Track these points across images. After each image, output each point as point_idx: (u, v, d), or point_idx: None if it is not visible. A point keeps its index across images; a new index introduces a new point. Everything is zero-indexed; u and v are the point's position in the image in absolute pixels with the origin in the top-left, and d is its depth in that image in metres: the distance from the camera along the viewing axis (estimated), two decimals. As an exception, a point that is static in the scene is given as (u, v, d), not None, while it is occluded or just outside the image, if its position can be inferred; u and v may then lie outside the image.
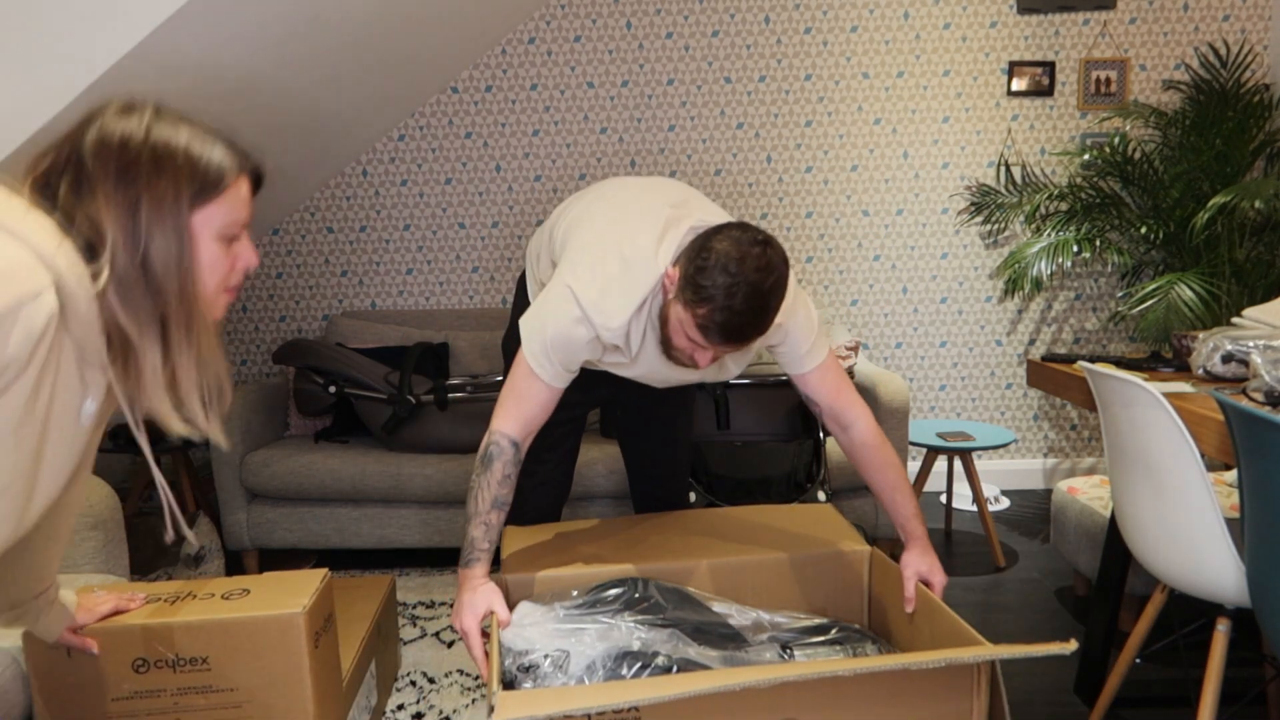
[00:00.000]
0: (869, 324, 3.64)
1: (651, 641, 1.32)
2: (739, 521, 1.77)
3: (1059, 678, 2.15)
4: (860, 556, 1.61)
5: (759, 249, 1.32)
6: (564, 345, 1.46)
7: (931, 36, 3.45)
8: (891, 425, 2.76)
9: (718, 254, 1.32)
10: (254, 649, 1.38)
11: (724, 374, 1.64)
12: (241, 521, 2.85)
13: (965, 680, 1.20)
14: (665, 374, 1.59)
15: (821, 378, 1.58)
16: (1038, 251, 3.29)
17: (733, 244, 1.32)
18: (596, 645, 1.30)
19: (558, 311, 1.45)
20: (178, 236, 0.92)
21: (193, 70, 1.98)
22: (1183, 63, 3.46)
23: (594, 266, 1.46)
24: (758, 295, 1.30)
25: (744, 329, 1.33)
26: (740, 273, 1.30)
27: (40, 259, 0.84)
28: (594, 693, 1.08)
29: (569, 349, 1.46)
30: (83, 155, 0.90)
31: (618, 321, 1.44)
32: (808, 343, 1.56)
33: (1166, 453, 1.52)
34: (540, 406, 1.51)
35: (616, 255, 1.46)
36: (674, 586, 1.50)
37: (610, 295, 1.44)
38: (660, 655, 1.30)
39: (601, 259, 1.47)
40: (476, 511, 1.47)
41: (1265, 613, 1.40)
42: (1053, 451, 3.71)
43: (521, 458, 1.51)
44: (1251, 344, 1.73)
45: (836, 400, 1.59)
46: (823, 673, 1.07)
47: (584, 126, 3.50)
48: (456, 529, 2.84)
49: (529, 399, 1.49)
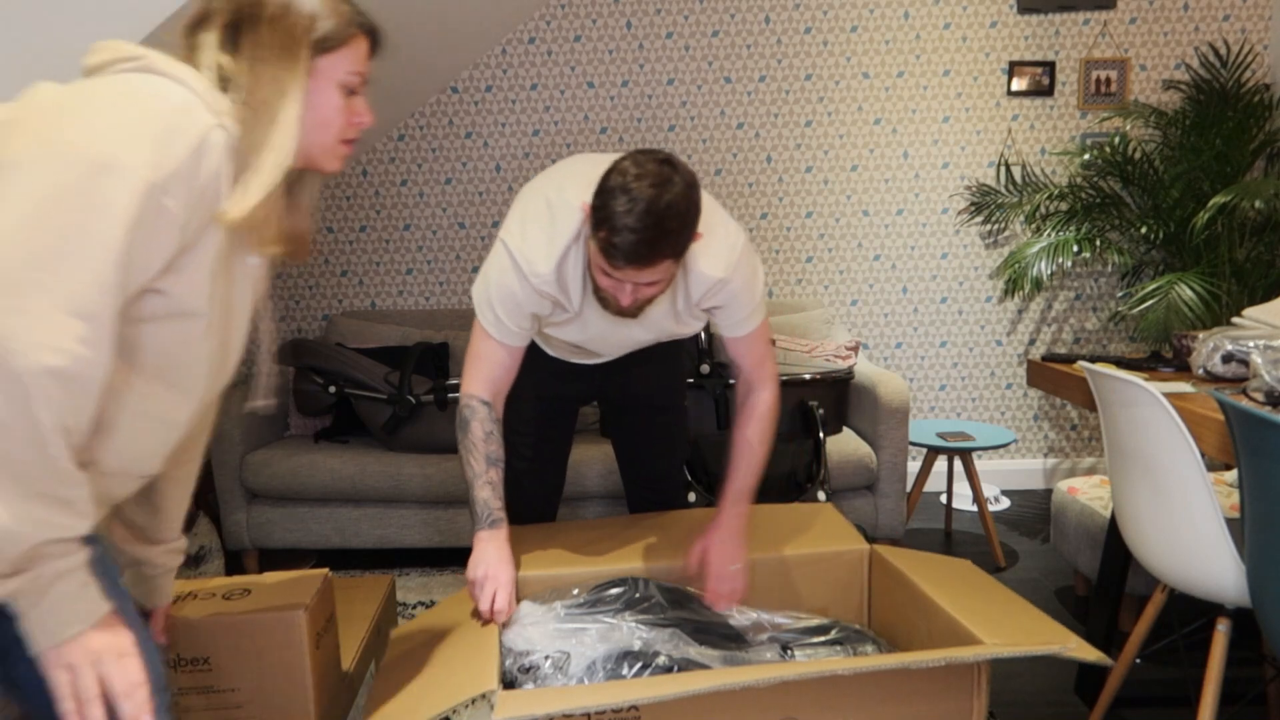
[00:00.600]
0: (869, 324, 3.64)
1: (652, 641, 1.32)
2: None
3: (1059, 678, 2.15)
4: (860, 556, 1.61)
5: (656, 165, 1.30)
6: (506, 300, 1.48)
7: (931, 36, 3.45)
8: (891, 425, 2.76)
9: (616, 174, 1.31)
10: (255, 649, 1.38)
11: (665, 328, 1.61)
12: (241, 521, 2.85)
13: (965, 679, 1.20)
14: (610, 333, 1.59)
15: (750, 345, 1.61)
16: (1038, 251, 3.29)
17: (631, 163, 1.31)
18: (597, 646, 1.30)
19: (495, 266, 1.49)
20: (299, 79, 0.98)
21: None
22: (1183, 63, 3.46)
23: (523, 219, 1.49)
24: (653, 210, 1.27)
25: (642, 245, 1.29)
26: (636, 189, 1.28)
27: (200, 100, 0.90)
28: (593, 692, 1.08)
29: (512, 303, 1.48)
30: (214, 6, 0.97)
31: (544, 267, 1.44)
32: (748, 308, 1.56)
33: (1166, 453, 1.52)
34: (500, 366, 1.53)
35: (543, 203, 1.48)
36: (675, 586, 1.50)
37: (534, 242, 1.45)
38: (661, 655, 1.30)
39: (529, 211, 1.49)
40: (476, 474, 1.48)
41: (1265, 613, 1.40)
42: (1053, 451, 3.71)
43: (498, 416, 1.53)
44: (1251, 344, 1.73)
45: (758, 369, 1.63)
46: (822, 672, 1.07)
47: (584, 126, 3.50)
48: (457, 529, 2.84)
49: (487, 358, 1.52)
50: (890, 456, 2.78)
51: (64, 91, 0.88)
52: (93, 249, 0.81)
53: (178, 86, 0.89)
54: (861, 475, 2.78)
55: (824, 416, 2.63)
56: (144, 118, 0.85)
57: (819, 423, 2.62)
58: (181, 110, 0.87)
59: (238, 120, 0.94)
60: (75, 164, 0.81)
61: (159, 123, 0.86)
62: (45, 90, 0.89)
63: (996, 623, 1.25)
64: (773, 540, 1.65)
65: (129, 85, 0.88)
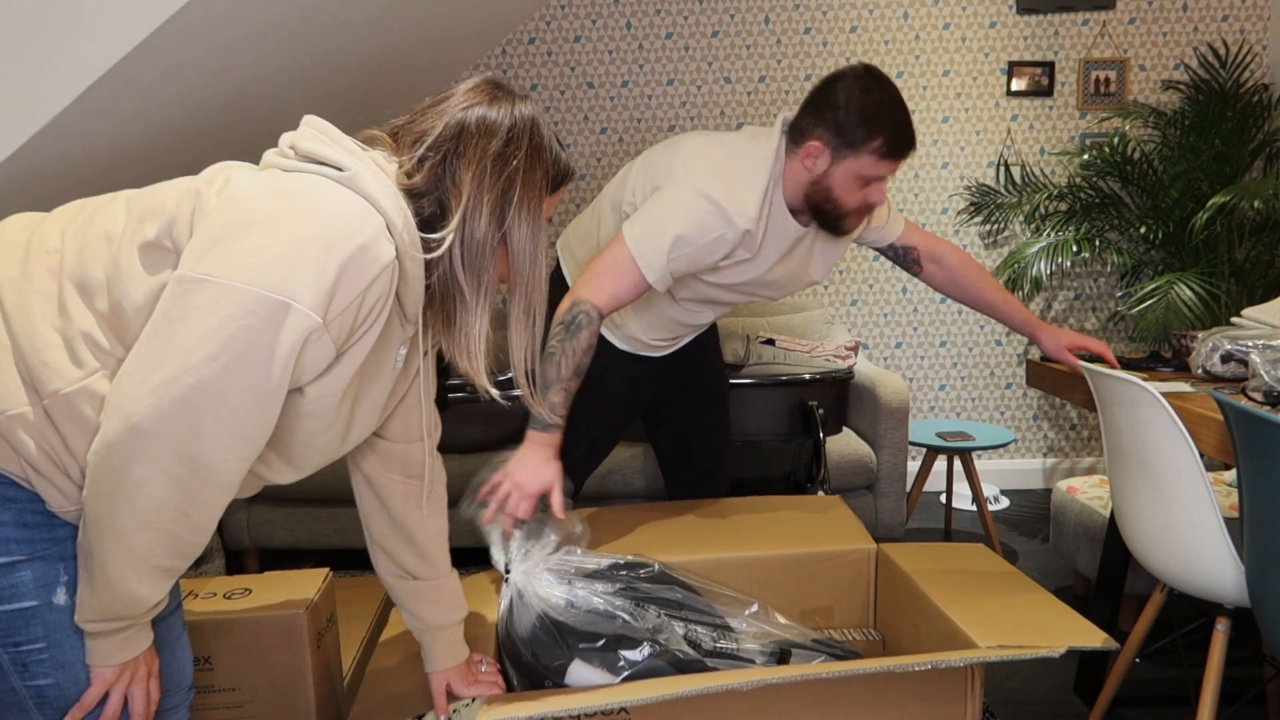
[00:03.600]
0: (869, 324, 3.64)
1: (650, 631, 1.32)
2: (744, 514, 1.77)
3: (1059, 678, 2.15)
4: (865, 554, 1.61)
5: (865, 70, 1.51)
6: (694, 242, 1.52)
7: (931, 37, 3.46)
8: (891, 425, 2.76)
9: (855, 93, 1.49)
10: (256, 648, 1.38)
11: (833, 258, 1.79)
12: (242, 521, 2.85)
13: (957, 682, 1.21)
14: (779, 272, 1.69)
15: (911, 230, 1.86)
16: (1037, 251, 3.29)
17: (854, 79, 1.50)
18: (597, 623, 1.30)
19: (685, 209, 1.52)
20: (535, 221, 1.03)
21: (193, 71, 1.98)
22: (1182, 63, 3.46)
23: (710, 168, 1.55)
24: (901, 102, 1.51)
25: (910, 129, 1.52)
26: (884, 92, 1.49)
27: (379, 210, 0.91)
28: (582, 695, 1.08)
29: (698, 247, 1.52)
30: (461, 127, 0.98)
31: (753, 206, 1.53)
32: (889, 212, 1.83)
33: (1166, 452, 1.53)
34: (631, 292, 1.54)
35: (730, 153, 1.58)
36: (676, 579, 1.50)
37: (738, 185, 1.53)
38: (654, 650, 1.30)
39: (715, 161, 1.56)
40: (559, 377, 1.47)
41: (1264, 612, 1.40)
42: (1052, 451, 3.71)
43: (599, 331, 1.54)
44: (1251, 344, 1.74)
45: (932, 242, 1.87)
46: (810, 675, 1.08)
47: (584, 126, 3.50)
48: (457, 529, 2.84)
49: (624, 280, 1.53)
50: (890, 456, 2.78)
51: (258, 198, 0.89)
52: (259, 385, 0.86)
53: (372, 215, 0.90)
54: (861, 475, 2.78)
55: (824, 416, 2.63)
56: (327, 256, 0.86)
57: (819, 423, 2.62)
58: (366, 248, 0.88)
59: None
60: (258, 304, 0.84)
61: (340, 259, 0.86)
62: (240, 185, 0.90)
63: (998, 621, 1.25)
64: (778, 536, 1.65)
65: (322, 213, 0.88)
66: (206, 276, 0.84)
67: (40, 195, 1.97)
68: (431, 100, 1.02)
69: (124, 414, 0.84)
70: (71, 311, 0.90)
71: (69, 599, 0.93)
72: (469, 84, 1.03)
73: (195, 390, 0.83)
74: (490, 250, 0.99)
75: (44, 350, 0.89)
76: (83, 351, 0.90)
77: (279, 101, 2.54)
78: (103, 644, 0.93)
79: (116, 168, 2.13)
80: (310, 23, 2.22)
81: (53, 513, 0.93)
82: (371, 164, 0.94)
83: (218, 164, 0.97)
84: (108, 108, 1.83)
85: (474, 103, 1.00)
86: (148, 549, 0.88)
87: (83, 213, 0.97)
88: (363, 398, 1.03)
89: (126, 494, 0.85)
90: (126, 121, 1.95)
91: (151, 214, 0.92)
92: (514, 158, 0.99)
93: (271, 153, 0.97)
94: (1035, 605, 1.31)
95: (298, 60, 2.38)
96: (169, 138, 2.20)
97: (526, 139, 1.01)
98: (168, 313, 0.85)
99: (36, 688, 0.93)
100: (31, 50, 1.69)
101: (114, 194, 0.99)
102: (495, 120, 0.99)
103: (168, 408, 0.83)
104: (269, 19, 2.05)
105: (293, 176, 0.92)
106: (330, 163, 0.92)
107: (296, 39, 2.25)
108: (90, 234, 0.93)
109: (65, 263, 0.92)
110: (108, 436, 0.84)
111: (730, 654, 1.36)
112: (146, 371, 0.84)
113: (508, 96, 1.02)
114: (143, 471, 0.84)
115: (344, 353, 0.93)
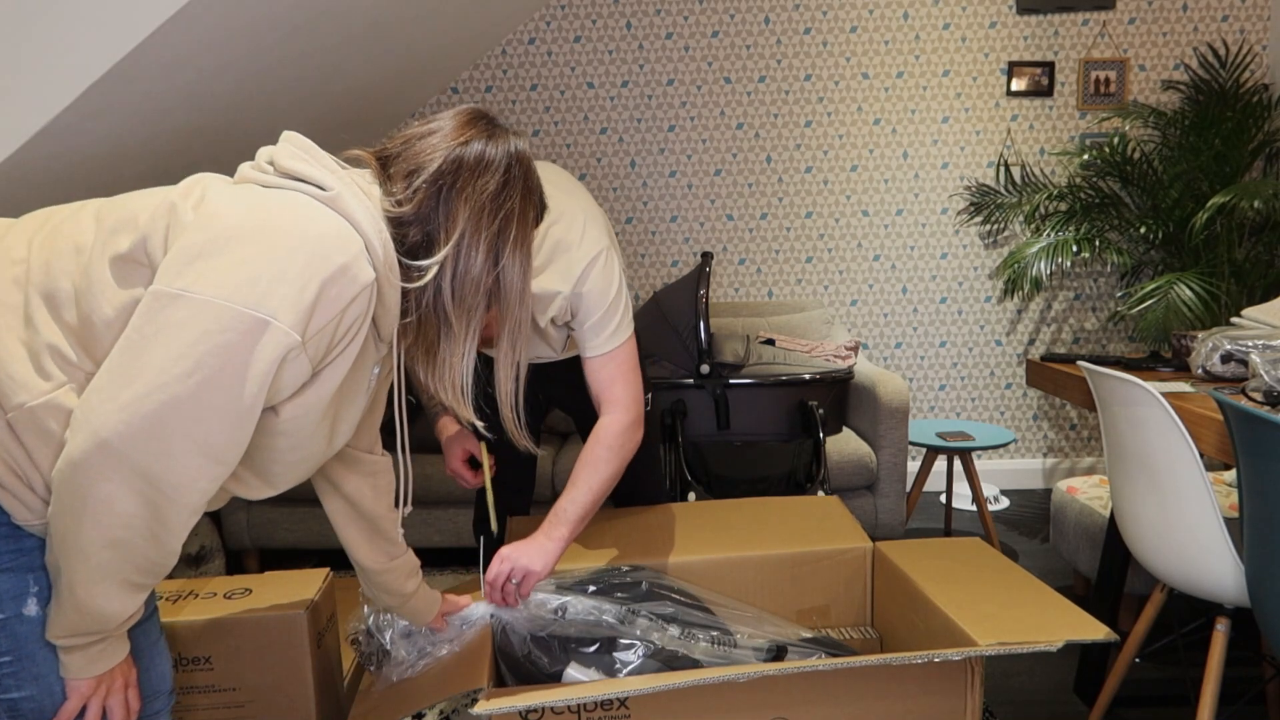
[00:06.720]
0: (869, 324, 3.64)
1: (641, 634, 1.33)
2: (741, 514, 1.77)
3: (1059, 677, 2.15)
4: (862, 553, 1.61)
5: None
6: None
7: (931, 37, 3.46)
8: (891, 425, 2.76)
9: None
10: (257, 648, 1.38)
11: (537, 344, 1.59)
12: (242, 521, 2.85)
13: (957, 677, 1.21)
14: None
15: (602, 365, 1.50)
16: (1037, 251, 3.29)
17: None
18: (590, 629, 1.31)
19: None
20: (526, 258, 1.04)
21: (193, 70, 1.98)
22: (1182, 63, 3.46)
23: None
24: None
25: None
26: None
27: (360, 233, 0.90)
28: (581, 687, 1.09)
29: None
30: (459, 162, 0.98)
31: None
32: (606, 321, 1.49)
33: (1166, 452, 1.53)
34: None
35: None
36: (671, 583, 1.50)
37: None
38: (648, 651, 1.30)
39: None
40: None
41: (1264, 612, 1.40)
42: (1052, 451, 3.71)
43: None
44: (1250, 344, 1.74)
45: (607, 389, 1.50)
46: (808, 668, 1.08)
47: (584, 126, 3.50)
48: (457, 528, 2.85)
49: None
50: (890, 456, 2.78)
51: (237, 214, 0.87)
52: (233, 403, 0.85)
53: (353, 236, 0.89)
54: (861, 475, 2.78)
55: (824, 416, 2.63)
56: (309, 274, 0.85)
57: (819, 423, 2.62)
58: (346, 268, 0.87)
59: None
60: (236, 321, 0.83)
61: (321, 278, 0.86)
62: (218, 200, 0.89)
63: (995, 617, 1.25)
64: (775, 536, 1.66)
65: (303, 230, 0.87)
66: (183, 292, 0.82)
67: (40, 195, 1.97)
68: (421, 129, 1.01)
69: (92, 429, 0.81)
70: (38, 323, 0.88)
71: (40, 610, 0.92)
72: (458, 117, 1.02)
73: (168, 407, 0.81)
74: (484, 287, 0.99)
75: (9, 363, 0.87)
76: (49, 364, 0.87)
77: (279, 100, 2.54)
78: (77, 657, 0.92)
79: (116, 168, 2.13)
80: (310, 24, 2.22)
81: (19, 525, 0.91)
82: (353, 185, 0.93)
83: (193, 176, 0.95)
84: (108, 108, 1.83)
85: (470, 138, 1.00)
86: (115, 567, 0.86)
87: (49, 222, 0.94)
88: (341, 417, 1.03)
89: (92, 511, 0.83)
90: (126, 121, 1.95)
91: (124, 226, 0.90)
92: (510, 198, 1.00)
93: (248, 166, 0.95)
94: (1033, 599, 1.31)
95: (297, 59, 2.38)
96: (169, 138, 2.20)
97: (521, 179, 1.02)
98: (142, 328, 0.83)
99: (10, 701, 0.91)
100: (31, 50, 1.69)
101: (82, 203, 0.96)
102: (493, 158, 0.99)
103: (139, 424, 0.81)
104: (268, 16, 2.05)
105: (272, 193, 0.90)
106: (312, 181, 0.91)
107: (296, 37, 2.25)
108: (59, 245, 0.91)
109: (32, 273, 0.90)
110: (73, 453, 0.82)
111: (726, 652, 1.36)
112: (118, 387, 0.82)
113: (503, 133, 1.03)
114: (109, 489, 0.82)
115: (319, 372, 0.92)
